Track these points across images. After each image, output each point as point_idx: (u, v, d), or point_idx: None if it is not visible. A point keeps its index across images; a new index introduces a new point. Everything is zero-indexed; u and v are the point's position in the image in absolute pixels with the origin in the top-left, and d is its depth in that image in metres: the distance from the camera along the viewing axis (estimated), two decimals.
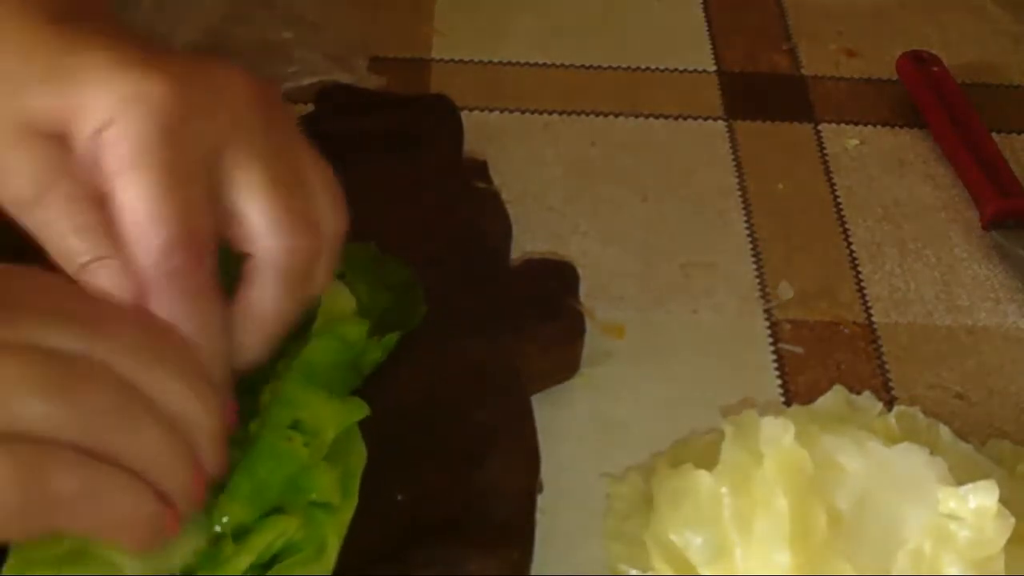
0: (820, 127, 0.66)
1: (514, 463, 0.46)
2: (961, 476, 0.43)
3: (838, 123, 0.66)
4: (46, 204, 0.36)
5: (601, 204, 0.60)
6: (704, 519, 0.44)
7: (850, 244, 0.59)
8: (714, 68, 0.69)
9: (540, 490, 0.47)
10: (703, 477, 0.44)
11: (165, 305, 0.36)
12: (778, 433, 0.44)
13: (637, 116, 0.66)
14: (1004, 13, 0.73)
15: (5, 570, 0.36)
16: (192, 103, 0.36)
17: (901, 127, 0.66)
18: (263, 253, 0.38)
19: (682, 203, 0.61)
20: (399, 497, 0.45)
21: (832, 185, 0.62)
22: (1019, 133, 0.66)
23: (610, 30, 0.71)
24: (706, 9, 0.73)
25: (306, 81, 0.64)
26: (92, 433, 0.33)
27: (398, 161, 0.58)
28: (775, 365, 0.54)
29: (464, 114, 0.61)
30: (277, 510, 0.39)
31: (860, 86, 0.68)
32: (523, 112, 0.65)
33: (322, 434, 0.41)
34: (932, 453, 0.44)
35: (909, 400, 0.52)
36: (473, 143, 0.60)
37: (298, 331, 0.41)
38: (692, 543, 0.43)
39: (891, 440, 0.45)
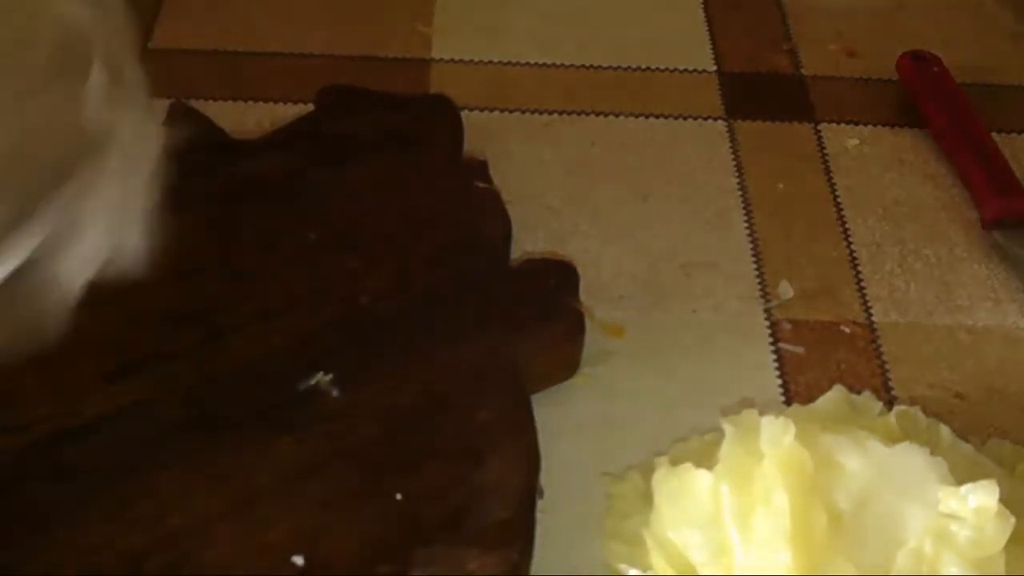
0: (820, 127, 0.66)
1: (514, 463, 0.46)
2: (961, 476, 0.43)
3: (838, 123, 0.66)
4: None
5: (601, 204, 0.60)
6: (704, 518, 0.44)
7: (850, 244, 0.59)
8: (714, 68, 0.69)
9: (541, 495, 0.47)
10: (703, 476, 0.44)
11: None
12: (778, 433, 0.44)
13: (637, 116, 0.66)
14: (1004, 13, 0.73)
15: None
16: None
17: (901, 127, 0.66)
18: None
19: (682, 203, 0.61)
20: (399, 497, 0.45)
21: (832, 185, 0.62)
22: (1019, 133, 0.66)
23: (610, 30, 0.71)
24: (706, 9, 0.73)
25: None
26: None
27: (398, 161, 0.58)
28: (775, 365, 0.54)
29: (464, 114, 0.61)
30: None
31: (860, 86, 0.68)
32: (523, 112, 0.65)
33: None
34: (932, 453, 0.44)
35: (909, 400, 0.52)
36: (473, 143, 0.61)
37: None
38: (692, 542, 0.43)
39: (891, 440, 0.45)
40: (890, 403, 0.52)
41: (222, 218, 0.55)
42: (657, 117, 0.66)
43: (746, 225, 0.60)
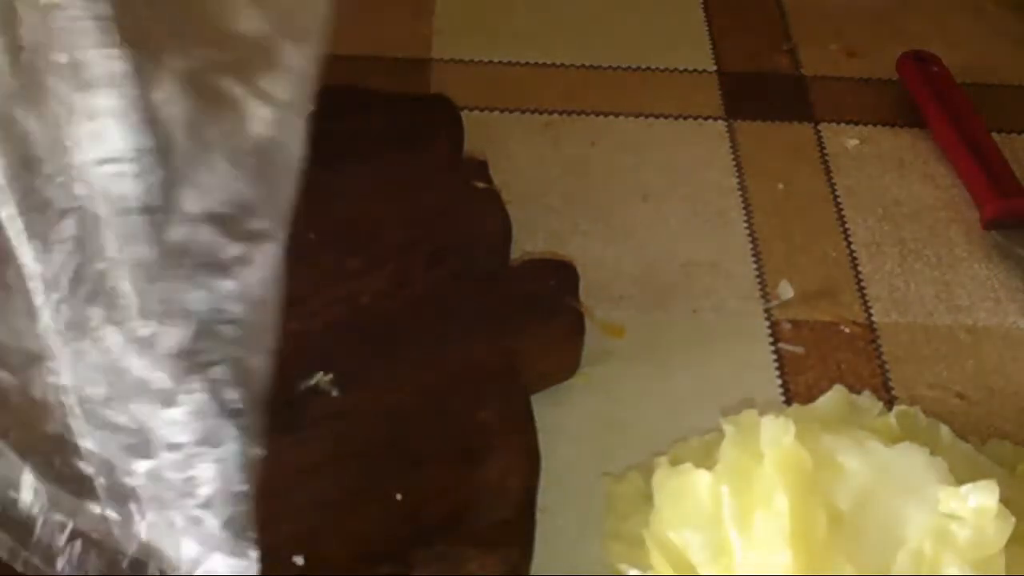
0: (820, 127, 0.66)
1: (514, 463, 0.46)
2: (961, 476, 0.43)
3: (838, 123, 0.66)
4: None
5: (601, 204, 0.60)
6: (704, 518, 0.44)
7: (850, 244, 0.59)
8: (714, 68, 0.69)
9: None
10: (703, 477, 0.44)
11: None
12: (778, 433, 0.44)
13: (637, 116, 0.66)
14: (1004, 13, 0.73)
15: None
16: None
17: (901, 127, 0.66)
18: None
19: (682, 203, 0.61)
20: (399, 497, 0.45)
21: (832, 185, 0.62)
22: (1019, 133, 0.66)
23: (610, 30, 0.71)
24: (706, 9, 0.73)
25: None
26: None
27: (398, 161, 0.58)
28: (775, 365, 0.54)
29: (464, 114, 0.61)
30: None
31: (860, 86, 0.68)
32: (523, 112, 0.65)
33: None
34: (932, 453, 0.44)
35: (909, 400, 0.52)
36: (473, 143, 0.61)
37: None
38: (692, 542, 0.43)
39: (891, 440, 0.45)
40: (890, 403, 0.52)
41: None
42: (657, 117, 0.66)
43: (746, 225, 0.60)
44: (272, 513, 0.44)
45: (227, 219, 0.38)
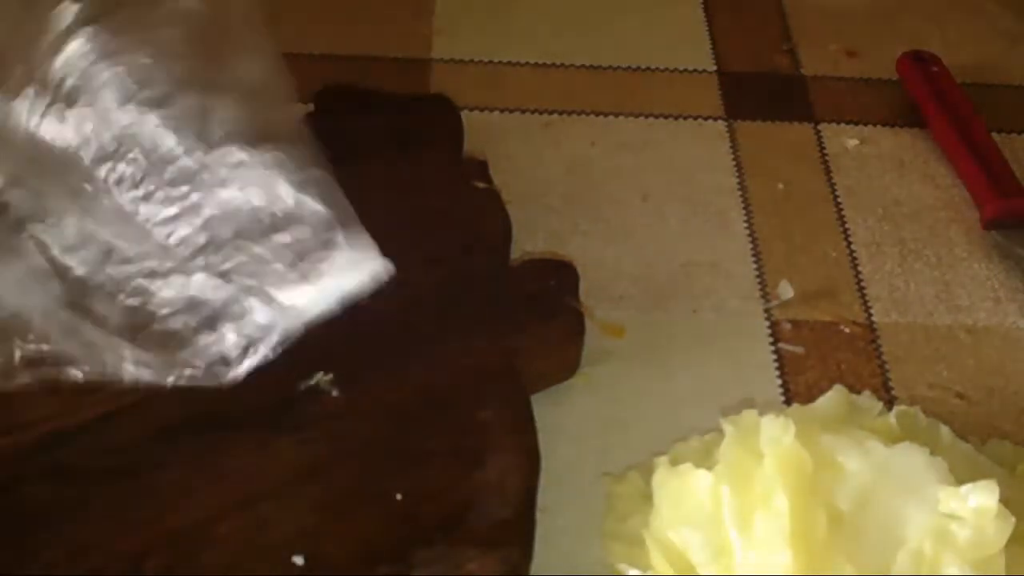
0: (820, 127, 0.66)
1: (514, 463, 0.46)
2: (961, 476, 0.43)
3: (838, 123, 0.66)
4: None
5: (601, 204, 0.60)
6: (704, 518, 0.44)
7: (850, 244, 0.59)
8: (714, 68, 0.69)
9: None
10: (703, 477, 0.44)
11: None
12: (778, 433, 0.44)
13: (637, 116, 0.66)
14: (1004, 13, 0.73)
15: None
16: None
17: (901, 127, 0.66)
18: None
19: (682, 203, 0.61)
20: (399, 497, 0.45)
21: (832, 185, 0.62)
22: (1019, 133, 0.66)
23: (610, 30, 0.71)
24: (706, 9, 0.73)
25: None
26: None
27: (398, 161, 0.58)
28: (775, 365, 0.54)
29: (464, 114, 0.61)
30: None
31: (860, 86, 0.68)
32: (523, 112, 0.65)
33: None
34: (932, 453, 0.44)
35: (909, 400, 0.52)
36: (473, 143, 0.61)
37: None
38: (692, 542, 0.43)
39: (891, 440, 0.45)
40: (890, 403, 0.52)
41: None
42: (657, 117, 0.66)
43: (746, 225, 0.60)
44: (272, 513, 0.44)
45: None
